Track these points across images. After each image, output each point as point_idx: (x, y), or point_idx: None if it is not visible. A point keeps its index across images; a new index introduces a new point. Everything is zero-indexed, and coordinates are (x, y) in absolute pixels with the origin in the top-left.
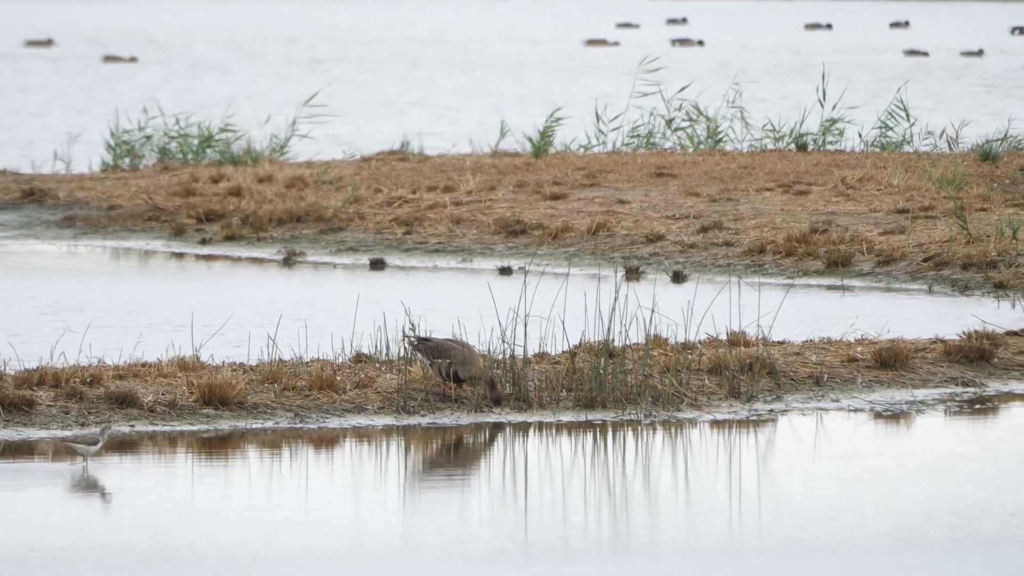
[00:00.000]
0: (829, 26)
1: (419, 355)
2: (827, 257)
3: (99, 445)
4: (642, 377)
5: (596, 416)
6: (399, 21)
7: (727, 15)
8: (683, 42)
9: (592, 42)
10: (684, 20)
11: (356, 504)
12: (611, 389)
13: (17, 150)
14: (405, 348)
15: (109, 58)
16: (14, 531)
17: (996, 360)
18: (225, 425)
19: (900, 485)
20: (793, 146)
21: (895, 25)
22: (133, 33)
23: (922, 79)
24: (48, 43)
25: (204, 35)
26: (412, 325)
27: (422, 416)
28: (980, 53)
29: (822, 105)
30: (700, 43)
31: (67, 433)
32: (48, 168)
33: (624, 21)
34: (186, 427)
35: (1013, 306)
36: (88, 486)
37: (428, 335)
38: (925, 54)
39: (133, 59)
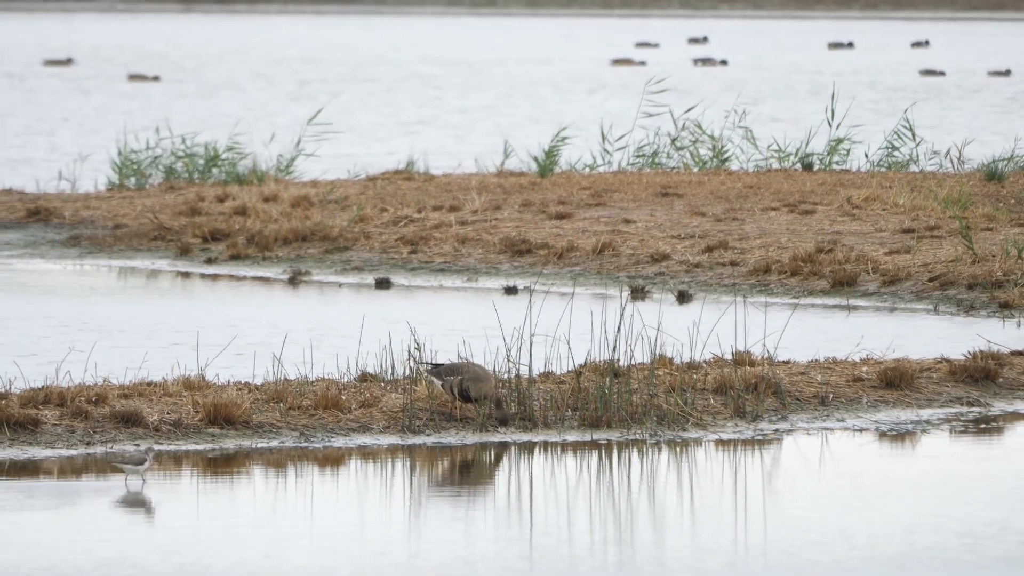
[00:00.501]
0: (851, 45)
1: (432, 378)
2: (832, 277)
3: (146, 464)
4: (647, 397)
5: (601, 436)
6: (419, 41)
7: (750, 34)
8: (706, 61)
9: (618, 61)
10: (705, 39)
11: (362, 524)
12: (616, 409)
13: (32, 168)
14: (411, 368)
15: (134, 76)
16: (26, 550)
17: (1001, 380)
18: (230, 444)
19: (907, 505)
20: (799, 166)
21: (916, 44)
22: (153, 53)
23: (938, 99)
24: (67, 62)
25: (224, 54)
26: (418, 345)
27: (427, 435)
28: (1008, 73)
29: (830, 125)
30: (723, 62)
31: (71, 448)
32: (53, 187)
33: (643, 40)
34: (191, 446)
35: (1019, 326)
36: (113, 505)
37: (433, 358)
38: (942, 74)
39: (156, 78)
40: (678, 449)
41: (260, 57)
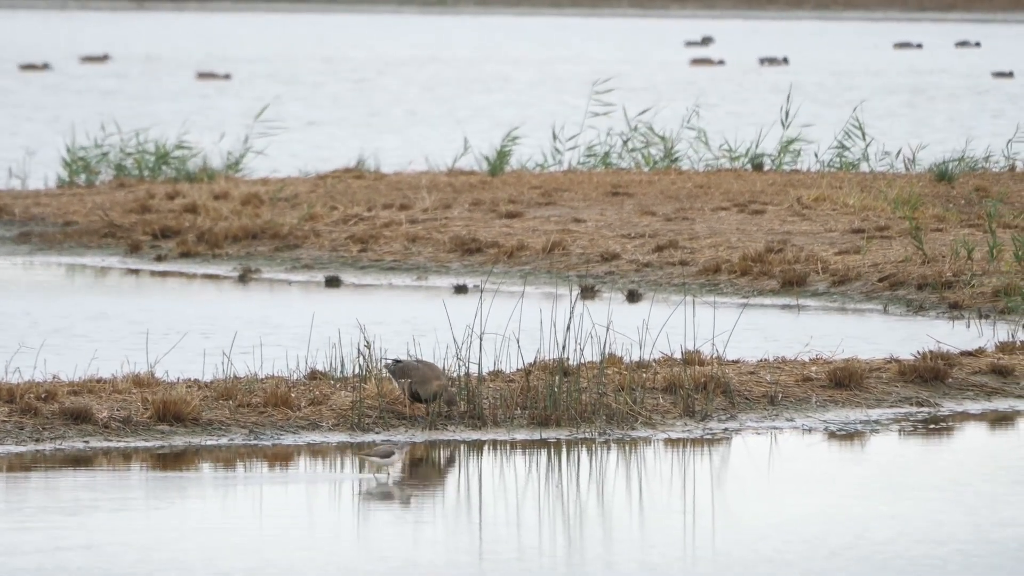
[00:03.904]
0: (920, 46)
1: (389, 375)
2: (782, 277)
3: (394, 457)
4: (597, 395)
5: (550, 434)
6: (453, 40)
7: (818, 35)
8: (770, 61)
9: (697, 61)
10: (711, 39)
11: (310, 523)
12: (565, 407)
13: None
14: (359, 365)
15: (203, 75)
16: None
17: (951, 380)
18: (179, 441)
19: (856, 505)
20: (749, 166)
21: (960, 44)
22: (180, 49)
23: (986, 100)
24: (103, 59)
25: (270, 53)
26: (367, 343)
27: (376, 433)
28: None
29: (783, 125)
30: (784, 60)
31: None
32: (3, 184)
33: (692, 40)
34: (141, 443)
35: (968, 326)
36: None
37: (383, 356)
38: (1010, 75)
39: (227, 76)
40: (627, 448)
41: (315, 54)
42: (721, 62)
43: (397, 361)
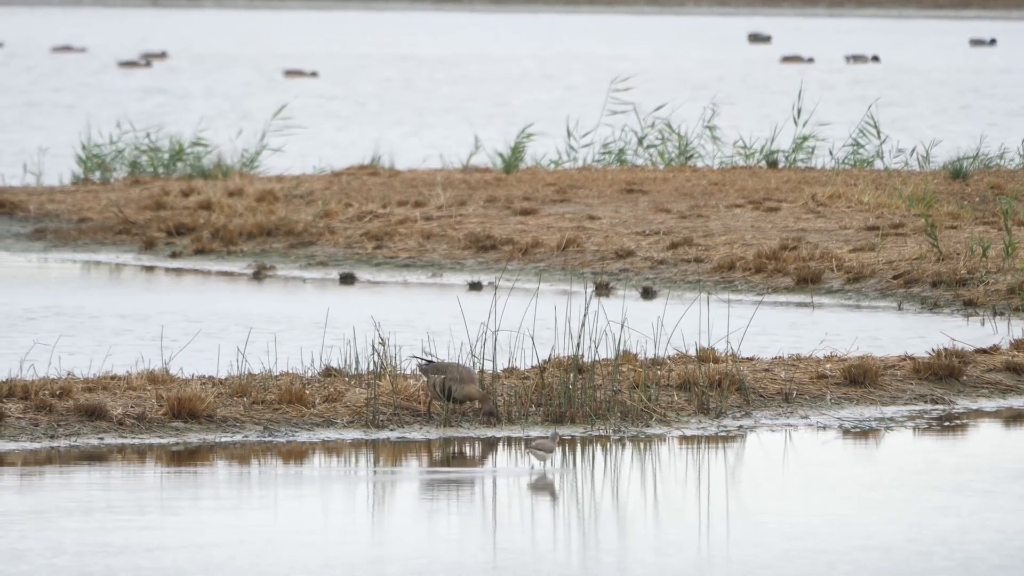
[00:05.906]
0: (993, 42)
1: (421, 374)
2: (797, 274)
3: (555, 453)
4: (611, 392)
5: (565, 431)
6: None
7: (895, 33)
8: (857, 58)
9: (787, 59)
10: (768, 38)
11: (325, 521)
12: (580, 404)
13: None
14: (374, 362)
15: (291, 72)
16: None
17: (965, 378)
18: (194, 438)
19: (871, 504)
20: (764, 163)
21: (975, 43)
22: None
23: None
24: (162, 56)
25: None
26: (382, 340)
27: (391, 430)
28: None
29: (795, 123)
30: (875, 59)
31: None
32: (18, 180)
33: (755, 32)
34: (155, 440)
35: (982, 324)
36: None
37: (397, 353)
38: None
39: (314, 74)
40: (642, 445)
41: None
42: (811, 60)
43: (430, 361)
